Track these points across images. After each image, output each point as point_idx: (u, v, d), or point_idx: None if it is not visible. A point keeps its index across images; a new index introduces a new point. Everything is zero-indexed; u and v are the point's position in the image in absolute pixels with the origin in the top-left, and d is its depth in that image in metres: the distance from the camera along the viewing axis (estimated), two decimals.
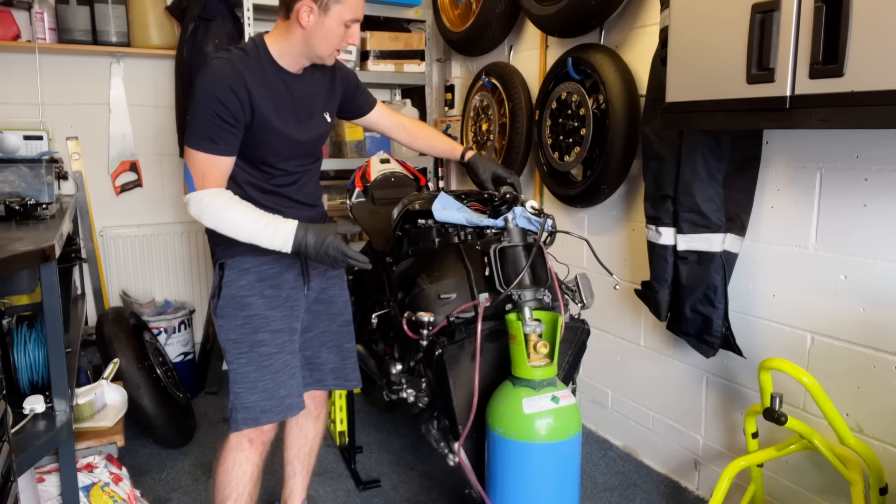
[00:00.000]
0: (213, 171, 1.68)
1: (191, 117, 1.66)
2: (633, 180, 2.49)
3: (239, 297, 1.78)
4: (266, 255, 1.77)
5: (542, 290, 1.79)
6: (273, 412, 1.79)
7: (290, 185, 1.85)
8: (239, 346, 1.78)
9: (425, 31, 3.48)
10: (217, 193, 1.67)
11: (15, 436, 1.83)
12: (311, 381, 2.00)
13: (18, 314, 2.07)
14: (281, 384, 1.80)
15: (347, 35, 1.76)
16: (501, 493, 1.69)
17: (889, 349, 1.73)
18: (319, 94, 1.88)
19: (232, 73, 1.65)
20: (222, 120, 1.64)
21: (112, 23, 3.11)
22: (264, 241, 1.65)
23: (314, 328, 1.96)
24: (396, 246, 2.22)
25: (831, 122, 1.36)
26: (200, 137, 1.65)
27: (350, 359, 2.04)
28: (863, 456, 1.70)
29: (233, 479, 1.81)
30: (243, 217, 1.65)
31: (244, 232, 1.65)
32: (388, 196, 2.70)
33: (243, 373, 1.78)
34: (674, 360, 2.41)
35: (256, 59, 1.72)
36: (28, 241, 1.88)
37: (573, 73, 2.53)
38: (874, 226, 1.74)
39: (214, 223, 1.66)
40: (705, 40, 1.62)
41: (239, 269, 1.79)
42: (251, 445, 1.82)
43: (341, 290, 2.02)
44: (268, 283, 1.80)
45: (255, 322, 1.77)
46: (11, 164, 2.42)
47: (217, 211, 1.65)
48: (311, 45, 1.72)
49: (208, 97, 1.63)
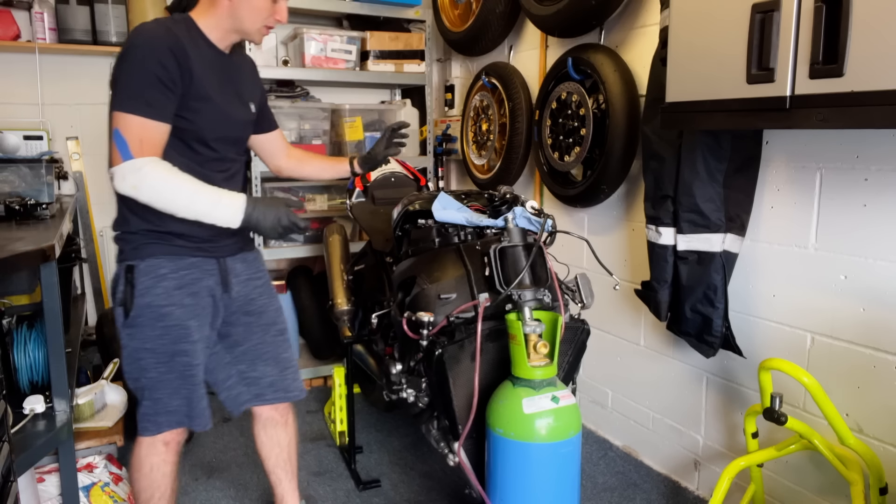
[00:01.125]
0: (151, 138, 1.55)
1: (124, 79, 1.54)
2: (633, 180, 2.49)
3: (156, 307, 1.66)
4: (183, 258, 1.70)
5: (542, 290, 1.79)
6: (196, 420, 1.76)
7: (221, 173, 1.75)
8: (158, 355, 1.69)
9: (425, 31, 3.48)
10: (158, 161, 1.55)
11: (15, 436, 1.83)
12: (250, 397, 1.93)
13: (18, 314, 2.07)
14: (202, 396, 1.77)
15: (275, 10, 1.69)
16: (501, 493, 1.69)
17: (889, 349, 1.73)
18: (246, 81, 1.83)
19: (168, 35, 1.57)
20: (160, 82, 1.53)
21: (112, 23, 3.11)
22: (210, 215, 1.56)
23: (246, 341, 1.88)
24: (396, 246, 2.23)
25: (831, 122, 1.36)
26: (136, 100, 1.52)
27: (289, 369, 1.95)
28: (863, 456, 1.70)
29: (154, 481, 1.78)
30: (187, 186, 1.54)
31: (188, 204, 1.54)
32: (388, 196, 2.71)
33: (165, 380, 1.70)
34: (674, 360, 2.41)
35: (187, 29, 1.64)
36: (28, 241, 1.88)
37: (573, 73, 2.53)
38: (874, 226, 1.74)
39: (153, 195, 1.54)
40: (705, 40, 1.62)
41: (154, 275, 1.67)
42: (167, 448, 1.77)
43: (270, 299, 1.92)
44: (186, 291, 1.70)
45: (174, 332, 1.68)
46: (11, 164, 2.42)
47: (159, 179, 1.52)
48: (238, 18, 1.66)
49: (146, 56, 1.52)
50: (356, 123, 3.35)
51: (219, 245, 1.76)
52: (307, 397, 3.23)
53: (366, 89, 3.81)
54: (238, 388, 1.92)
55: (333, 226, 2.83)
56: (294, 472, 2.08)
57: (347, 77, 3.37)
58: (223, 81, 1.72)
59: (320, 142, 3.31)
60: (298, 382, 1.99)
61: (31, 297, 2.25)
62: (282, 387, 1.94)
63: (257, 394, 1.93)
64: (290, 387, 1.96)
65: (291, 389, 1.97)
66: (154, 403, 1.72)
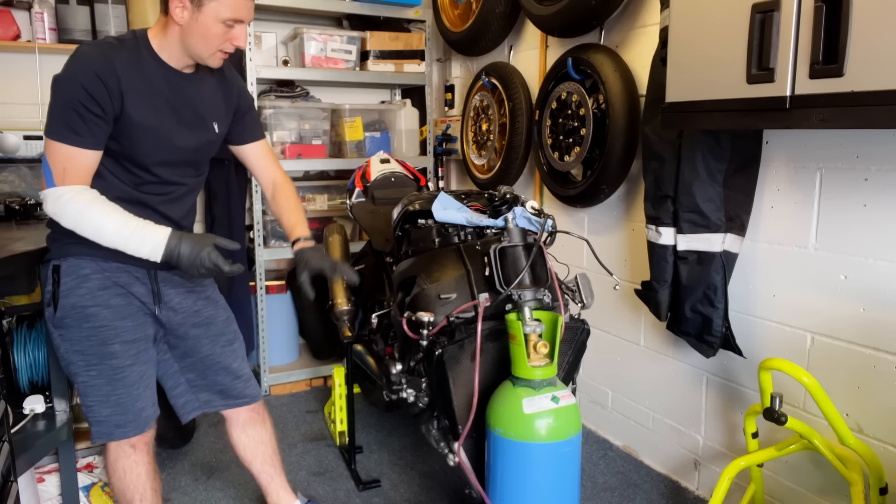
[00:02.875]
0: (75, 166, 1.53)
1: (52, 106, 1.52)
2: (633, 180, 2.49)
3: (81, 308, 1.62)
4: (109, 260, 1.64)
5: (542, 290, 1.79)
6: (129, 426, 1.69)
7: (161, 196, 1.69)
8: (87, 357, 1.65)
9: (425, 31, 3.48)
10: (79, 191, 1.53)
11: (15, 436, 1.83)
12: (199, 405, 1.91)
13: (18, 314, 2.07)
14: (137, 396, 1.69)
15: (230, 35, 1.61)
16: (501, 493, 1.69)
17: (889, 349, 1.73)
18: (209, 100, 1.75)
19: (99, 59, 1.53)
20: (86, 109, 1.50)
21: (112, 23, 3.11)
22: (130, 248, 1.53)
23: (195, 353, 1.85)
24: (396, 246, 2.22)
25: (831, 122, 1.36)
26: (61, 127, 1.51)
27: (240, 377, 1.92)
28: (863, 456, 1.70)
29: (130, 483, 1.75)
30: (108, 219, 1.52)
31: (108, 236, 1.52)
32: (388, 196, 2.71)
33: (94, 385, 1.65)
34: (674, 360, 2.41)
35: (133, 49, 1.59)
36: (28, 241, 1.88)
37: (573, 73, 2.53)
38: (874, 226, 1.74)
39: (74, 224, 1.52)
40: (705, 40, 1.62)
41: (76, 275, 1.63)
42: (135, 451, 1.74)
43: (216, 310, 1.89)
44: (113, 292, 1.65)
45: (102, 334, 1.64)
46: (11, 164, 2.42)
47: (79, 210, 1.51)
48: (189, 45, 1.60)
49: (71, 84, 1.50)
50: (356, 123, 3.35)
51: None
52: (307, 397, 3.24)
53: (366, 89, 3.81)
54: (186, 396, 1.90)
55: (333, 226, 2.83)
56: (282, 467, 2.07)
57: (347, 77, 3.37)
58: (174, 104, 1.65)
59: (320, 142, 3.31)
60: (251, 389, 1.96)
61: (31, 297, 2.25)
62: (232, 394, 1.92)
63: (206, 401, 1.92)
64: (241, 393, 1.93)
65: (245, 395, 1.94)
66: (87, 411, 1.69)
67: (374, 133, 3.43)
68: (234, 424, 1.99)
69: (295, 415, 3.04)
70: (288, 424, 2.93)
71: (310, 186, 3.41)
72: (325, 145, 3.32)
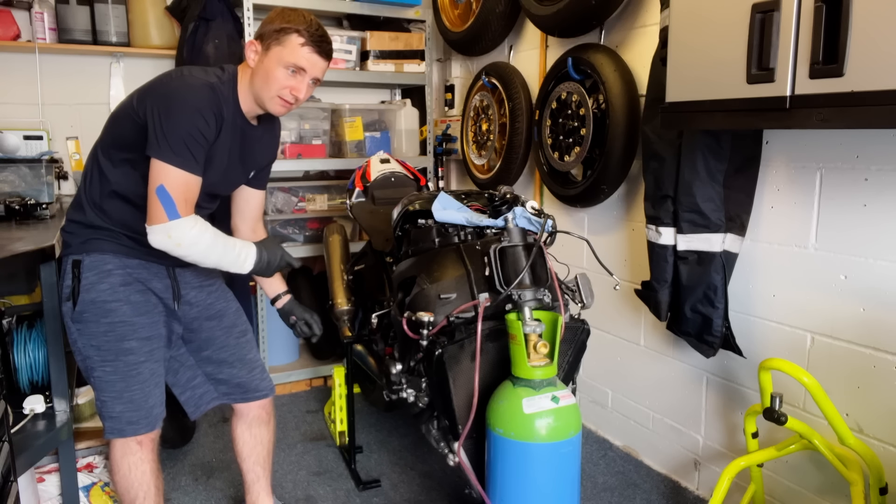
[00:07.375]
0: (193, 195, 1.59)
1: (169, 131, 1.54)
2: (633, 180, 2.49)
3: (101, 303, 1.65)
4: (131, 257, 1.69)
5: (542, 290, 1.79)
6: (140, 423, 1.72)
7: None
8: (103, 353, 1.67)
9: (425, 31, 3.48)
10: (199, 223, 1.60)
11: (15, 436, 1.83)
12: (217, 395, 1.95)
13: (18, 314, 2.07)
14: (149, 394, 1.72)
15: (292, 84, 1.66)
16: (501, 493, 1.69)
17: (889, 349, 1.73)
18: (258, 153, 1.86)
19: (213, 97, 1.61)
20: (204, 139, 1.58)
21: (112, 23, 3.11)
22: (235, 267, 1.67)
23: (209, 346, 1.89)
24: (396, 246, 2.22)
25: (831, 122, 1.36)
26: (186, 156, 1.55)
27: (256, 369, 1.97)
28: (863, 456, 1.70)
29: (134, 481, 1.77)
30: (222, 243, 1.64)
31: (219, 259, 1.64)
32: (388, 196, 2.70)
33: (109, 381, 1.68)
34: (674, 360, 2.41)
35: (229, 92, 1.68)
36: (28, 241, 1.88)
37: (573, 73, 2.53)
38: (874, 226, 1.74)
39: (196, 253, 1.60)
40: (705, 40, 1.62)
41: (99, 270, 1.66)
42: (141, 448, 1.75)
43: (227, 302, 1.94)
44: (133, 289, 1.69)
45: (120, 329, 1.67)
46: (11, 164, 2.42)
47: (209, 244, 1.61)
48: (255, 87, 1.68)
49: (194, 115, 1.56)
50: (356, 123, 3.35)
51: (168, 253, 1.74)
52: (307, 397, 3.24)
53: (366, 89, 3.81)
54: (205, 388, 1.93)
55: (333, 226, 2.83)
56: (271, 470, 2.10)
57: (347, 77, 3.37)
58: (236, 151, 1.75)
59: (320, 141, 3.31)
60: (267, 381, 2.01)
61: (31, 297, 2.25)
62: (251, 387, 1.96)
63: (226, 393, 1.96)
64: (259, 386, 1.98)
65: (261, 388, 1.98)
66: (101, 406, 1.71)
67: (374, 133, 3.43)
68: (241, 419, 2.01)
69: (295, 415, 3.04)
70: (288, 424, 2.93)
71: (310, 186, 3.41)
72: (325, 145, 3.32)
